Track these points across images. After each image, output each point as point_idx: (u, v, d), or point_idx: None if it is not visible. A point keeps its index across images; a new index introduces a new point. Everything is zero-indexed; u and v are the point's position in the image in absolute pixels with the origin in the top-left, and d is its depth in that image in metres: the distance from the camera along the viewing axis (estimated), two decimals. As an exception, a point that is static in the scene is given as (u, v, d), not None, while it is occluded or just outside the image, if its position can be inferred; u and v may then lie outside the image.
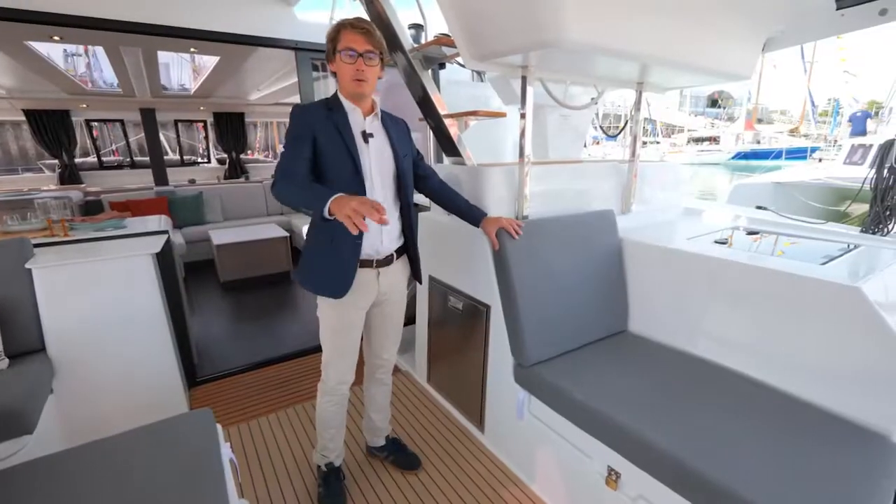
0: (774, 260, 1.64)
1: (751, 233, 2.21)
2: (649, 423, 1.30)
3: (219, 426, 1.32)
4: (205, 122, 6.92)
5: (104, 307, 1.97)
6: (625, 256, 2.00)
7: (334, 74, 1.51)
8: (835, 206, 6.94)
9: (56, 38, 3.22)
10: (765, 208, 2.67)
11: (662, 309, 1.88)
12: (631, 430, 1.29)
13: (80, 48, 4.94)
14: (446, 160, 2.21)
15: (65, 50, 4.80)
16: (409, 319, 2.71)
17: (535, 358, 1.69)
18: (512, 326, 1.73)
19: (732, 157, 22.26)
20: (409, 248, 1.69)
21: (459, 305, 2.06)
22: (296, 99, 5.61)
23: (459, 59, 2.30)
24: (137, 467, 1.12)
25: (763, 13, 1.72)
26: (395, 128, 1.61)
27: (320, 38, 2.72)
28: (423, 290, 2.39)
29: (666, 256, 1.87)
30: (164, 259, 2.23)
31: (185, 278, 3.42)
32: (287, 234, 4.76)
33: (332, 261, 1.49)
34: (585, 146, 2.92)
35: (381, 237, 1.55)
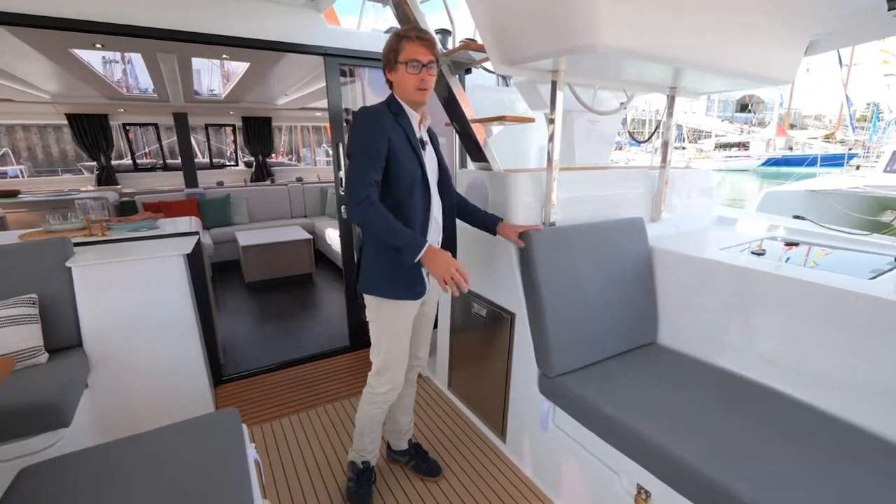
0: (820, 274, 1.57)
1: (789, 244, 2.12)
2: (682, 441, 1.25)
3: (244, 426, 1.33)
4: (234, 126, 7.09)
5: (137, 305, 2.03)
6: (655, 266, 1.95)
7: (390, 83, 1.53)
8: (874, 216, 6.64)
9: (98, 45, 3.35)
10: (802, 218, 2.56)
11: (694, 321, 1.82)
12: (663, 447, 1.24)
13: (117, 55, 5.12)
14: (471, 165, 2.20)
15: (103, 57, 4.99)
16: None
17: (560, 368, 1.65)
18: (537, 335, 1.70)
19: (762, 164, 21.57)
20: (449, 249, 1.69)
21: (483, 312, 2.04)
22: (322, 104, 5.71)
23: (486, 64, 2.29)
24: (166, 464, 1.14)
25: (808, 15, 1.65)
26: (434, 136, 1.68)
27: (348, 45, 2.77)
28: (445, 295, 2.38)
29: (699, 267, 1.81)
30: (194, 260, 2.29)
31: (212, 278, 3.50)
32: (310, 236, 4.83)
33: (404, 263, 1.46)
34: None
35: (437, 238, 1.62)
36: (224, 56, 3.99)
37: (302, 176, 7.07)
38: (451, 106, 2.03)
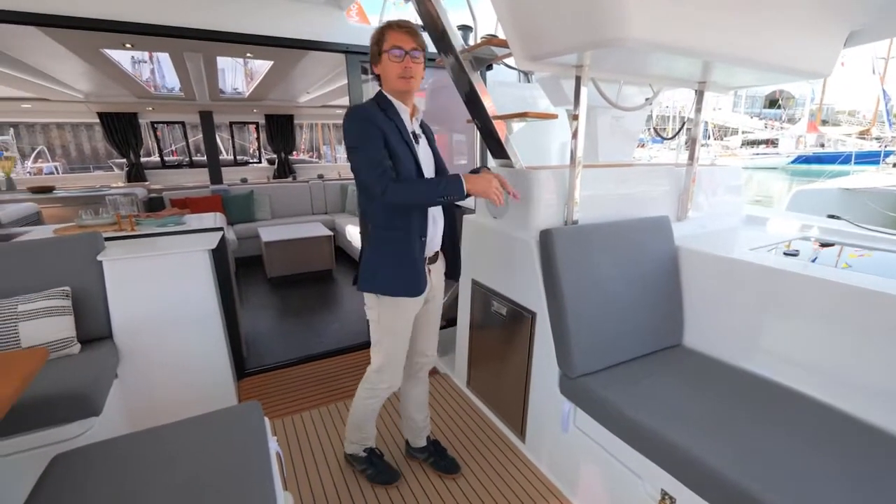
0: (856, 275, 1.50)
1: (824, 244, 2.03)
2: (710, 446, 1.21)
3: (266, 419, 1.35)
4: (257, 123, 7.22)
5: (164, 299, 2.08)
6: (681, 266, 1.90)
7: (378, 78, 1.51)
8: (914, 215, 6.34)
9: (128, 45, 3.45)
10: (838, 217, 2.46)
11: (722, 323, 1.77)
12: (689, 452, 1.21)
13: (146, 55, 5.26)
14: (492, 162, 2.18)
15: (132, 57, 5.13)
16: (450, 322, 2.71)
17: (582, 369, 1.62)
18: (559, 335, 1.67)
19: (792, 161, 20.85)
20: (447, 245, 1.72)
21: (503, 311, 2.02)
22: (344, 101, 5.76)
23: (507, 60, 2.26)
24: (190, 456, 1.16)
25: (849, 4, 1.58)
26: (427, 129, 1.66)
27: (367, 42, 2.76)
28: (464, 293, 2.37)
29: (727, 267, 1.75)
30: (219, 255, 2.33)
31: (235, 273, 3.57)
32: (331, 233, 4.88)
33: (405, 261, 1.51)
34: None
35: (436, 235, 1.61)
36: (248, 54, 4.06)
37: (323, 173, 7.15)
38: (473, 102, 2.01)
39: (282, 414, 2.28)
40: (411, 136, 1.52)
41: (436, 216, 1.60)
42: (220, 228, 2.45)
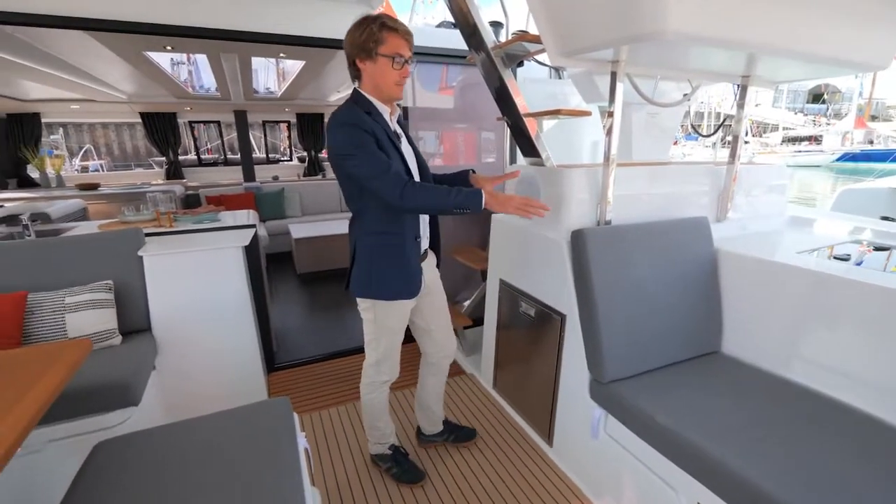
0: None
1: (878, 248, 1.91)
2: (750, 459, 1.15)
3: (296, 415, 1.37)
4: (288, 122, 7.37)
5: (199, 293, 2.15)
6: (720, 269, 1.82)
7: (357, 73, 1.45)
8: (977, 217, 5.88)
9: (169, 47, 3.58)
10: (892, 219, 2.31)
11: (764, 330, 1.68)
12: (728, 466, 1.15)
13: (184, 57, 5.45)
14: (522, 160, 2.14)
15: (172, 59, 5.33)
16: (477, 321, 2.69)
17: (614, 374, 1.58)
18: (590, 339, 1.63)
19: (837, 159, 19.78)
20: (432, 238, 1.74)
21: (532, 312, 1.99)
22: (372, 100, 5.79)
23: (539, 57, 2.22)
24: (223, 448, 1.19)
25: None
26: (403, 124, 1.62)
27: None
28: (492, 293, 2.35)
29: (771, 271, 1.66)
30: (251, 251, 2.39)
31: (266, 269, 3.65)
32: (359, 230, 4.92)
33: (399, 263, 1.54)
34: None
35: (426, 232, 1.65)
36: (281, 55, 4.14)
37: (351, 171, 7.22)
38: (504, 99, 1.98)
39: (309, 409, 2.32)
40: (394, 135, 1.50)
41: (424, 215, 1.61)
42: (253, 225, 2.50)
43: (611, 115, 1.64)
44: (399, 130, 1.56)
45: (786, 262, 1.63)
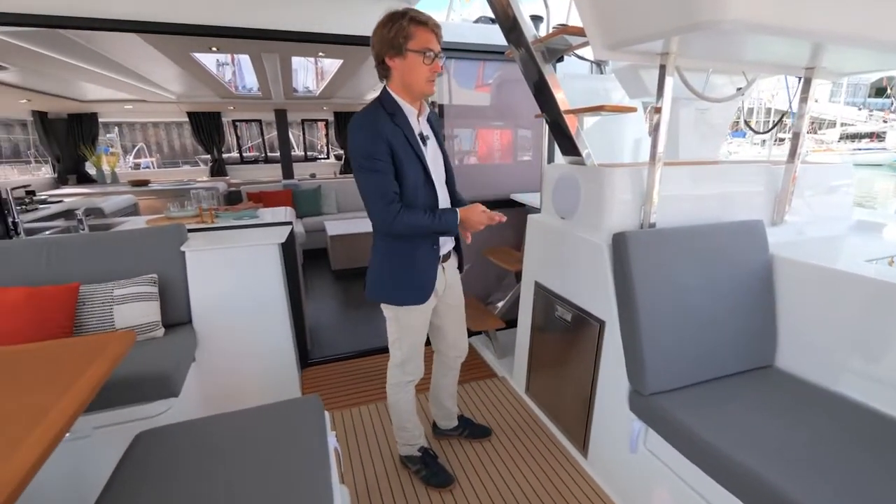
0: None
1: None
2: (805, 484, 1.05)
3: (327, 413, 1.37)
4: (325, 121, 7.51)
5: (237, 288, 2.20)
6: (776, 277, 1.68)
7: (386, 71, 1.42)
8: None
9: (214, 48, 3.70)
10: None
11: (823, 343, 1.54)
12: (781, 491, 1.05)
13: (228, 58, 5.64)
14: (561, 159, 2.06)
15: (217, 60, 5.52)
16: (510, 323, 2.63)
17: (656, 386, 1.49)
18: (630, 348, 1.54)
19: (903, 157, 18.28)
20: (456, 241, 1.75)
21: (568, 317, 1.91)
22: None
23: (581, 51, 2.13)
24: (256, 443, 1.20)
25: None
26: (435, 122, 1.59)
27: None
28: (526, 295, 2.29)
29: (834, 280, 1.52)
30: (288, 248, 2.42)
31: (302, 265, 3.73)
32: (393, 228, 4.95)
33: (410, 270, 1.53)
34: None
35: (450, 237, 1.65)
36: (320, 53, 4.20)
37: (386, 169, 7.28)
38: (543, 96, 1.91)
39: (341, 406, 2.34)
40: (419, 138, 1.46)
41: None
42: (289, 223, 2.54)
43: (658, 111, 1.55)
44: (427, 131, 1.52)
45: (849, 270, 1.49)
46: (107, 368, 1.23)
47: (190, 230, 2.34)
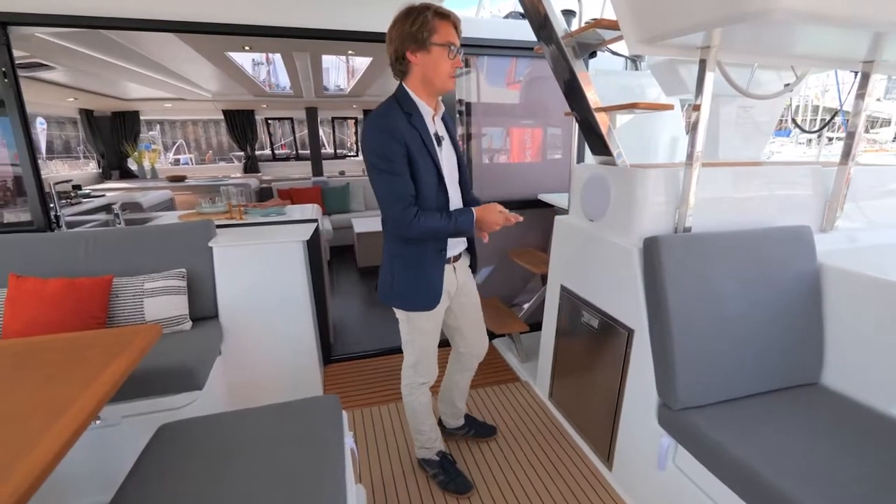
0: None
1: None
2: None
3: (344, 413, 1.36)
4: (355, 118, 7.58)
5: (261, 284, 2.22)
6: (824, 287, 1.56)
7: (405, 67, 1.38)
8: None
9: (247, 47, 3.78)
10: None
11: (876, 362, 1.42)
12: None
13: (263, 57, 5.77)
14: (592, 159, 1.99)
15: (253, 59, 5.66)
16: (535, 326, 2.57)
17: (687, 401, 1.40)
18: (661, 358, 1.46)
19: (971, 160, 16.90)
20: (469, 241, 1.70)
21: (594, 323, 1.84)
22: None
23: (613, 46, 2.05)
24: (274, 441, 1.20)
25: None
26: (449, 122, 1.57)
27: (465, 33, 2.70)
28: (552, 299, 2.22)
29: (890, 293, 1.40)
30: (312, 245, 2.44)
31: (329, 261, 3.76)
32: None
33: (418, 276, 1.51)
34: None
35: (459, 240, 1.61)
36: (350, 52, 4.24)
37: (413, 167, 7.29)
38: (574, 93, 1.84)
39: (361, 404, 2.34)
40: (434, 138, 1.42)
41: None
42: (315, 220, 2.56)
43: (697, 108, 1.46)
44: (442, 131, 1.49)
45: None
46: (131, 361, 1.26)
47: (219, 226, 2.38)
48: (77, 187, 4.36)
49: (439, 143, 1.45)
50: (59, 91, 4.67)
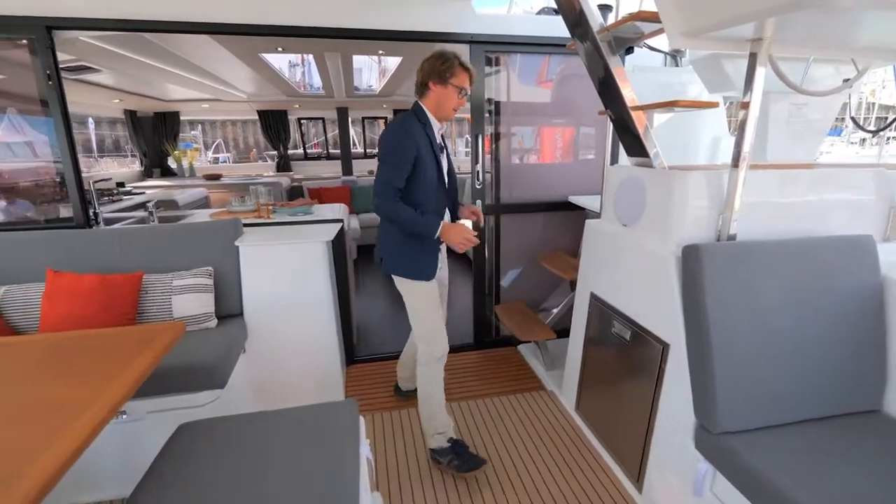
0: None
1: None
2: None
3: (362, 419, 1.33)
4: (385, 118, 7.61)
5: (286, 284, 2.23)
6: (889, 303, 1.41)
7: (425, 90, 1.73)
8: None
9: (280, 48, 3.84)
10: None
11: None
12: None
13: (298, 59, 5.87)
14: (627, 160, 1.88)
15: (289, 61, 5.76)
16: (562, 332, 2.47)
17: (728, 425, 1.29)
18: (699, 377, 1.35)
19: None
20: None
21: (626, 334, 1.74)
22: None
23: (652, 41, 1.93)
24: (291, 445, 1.18)
25: None
26: (444, 139, 1.85)
27: (496, 30, 2.65)
28: (580, 306, 2.12)
29: None
30: (338, 245, 2.43)
31: (355, 260, 3.77)
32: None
33: (423, 248, 1.78)
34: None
35: None
36: (380, 52, 4.23)
37: (443, 166, 7.27)
38: (609, 90, 1.74)
39: (381, 408, 2.31)
40: (439, 148, 1.76)
41: (448, 219, 1.91)
42: (340, 220, 2.55)
43: (745, 106, 1.34)
44: (443, 144, 1.83)
45: None
46: (154, 359, 1.27)
47: (247, 224, 2.41)
48: (121, 184, 4.54)
49: (441, 152, 1.80)
50: (106, 93, 4.88)
